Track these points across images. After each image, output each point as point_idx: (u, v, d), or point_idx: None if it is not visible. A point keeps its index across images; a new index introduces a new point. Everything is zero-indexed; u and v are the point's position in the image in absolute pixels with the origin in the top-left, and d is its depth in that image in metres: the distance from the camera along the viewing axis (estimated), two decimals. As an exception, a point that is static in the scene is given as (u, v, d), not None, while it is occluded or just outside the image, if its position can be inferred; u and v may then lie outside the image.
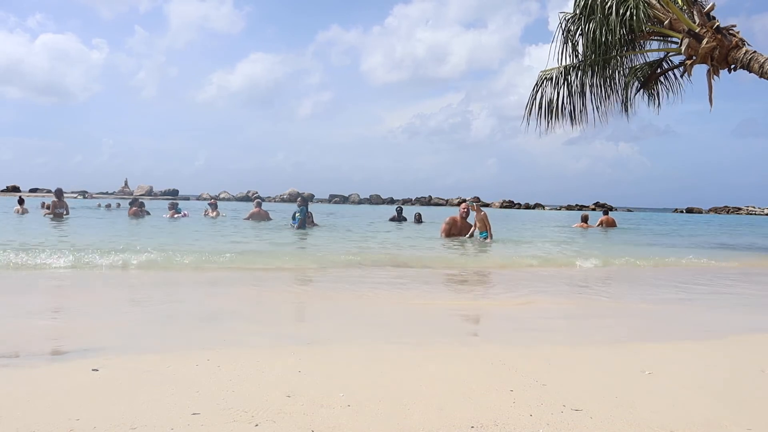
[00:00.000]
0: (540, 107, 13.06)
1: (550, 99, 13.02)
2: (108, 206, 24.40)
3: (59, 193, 16.75)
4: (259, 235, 12.66)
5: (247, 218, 17.19)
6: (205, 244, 9.91)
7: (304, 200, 15.06)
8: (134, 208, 18.62)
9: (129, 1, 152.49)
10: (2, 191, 56.36)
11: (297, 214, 14.25)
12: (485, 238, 11.20)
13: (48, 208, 18.19)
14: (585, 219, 18.47)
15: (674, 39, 12.22)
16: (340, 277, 6.92)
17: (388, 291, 5.85)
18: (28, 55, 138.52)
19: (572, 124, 13.14)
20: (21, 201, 19.12)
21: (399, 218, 18.92)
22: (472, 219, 11.61)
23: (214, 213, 19.55)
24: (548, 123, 13.00)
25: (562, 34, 12.63)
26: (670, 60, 13.47)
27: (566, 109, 13.05)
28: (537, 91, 13.13)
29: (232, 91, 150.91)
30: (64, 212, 16.29)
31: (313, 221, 15.06)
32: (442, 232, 11.37)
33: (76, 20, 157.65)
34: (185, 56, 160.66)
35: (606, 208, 20.06)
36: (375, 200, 65.61)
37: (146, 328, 3.92)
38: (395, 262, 8.14)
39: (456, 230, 11.36)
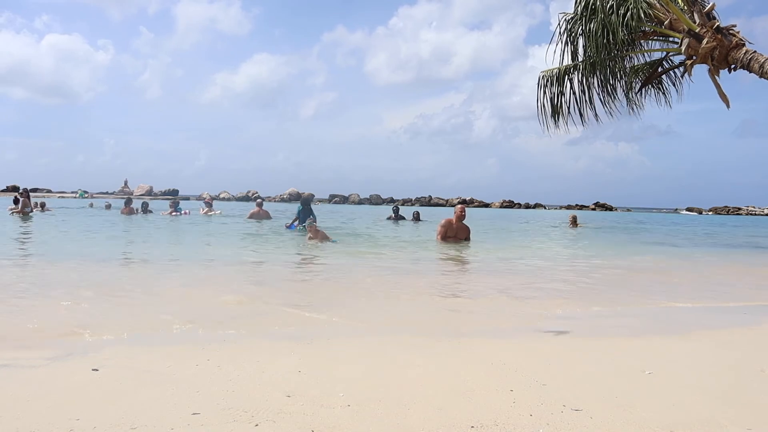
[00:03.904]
0: (544, 108, 13.08)
1: (553, 100, 13.03)
2: (108, 206, 24.56)
3: (26, 193, 18.52)
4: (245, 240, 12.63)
5: (249, 218, 17.45)
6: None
7: (305, 200, 14.25)
8: (127, 208, 19.64)
9: (137, 3, 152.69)
10: (2, 191, 56.40)
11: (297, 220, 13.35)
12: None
13: (41, 207, 19.43)
14: (574, 220, 20.07)
15: (675, 39, 12.22)
16: (339, 275, 6.93)
17: (386, 291, 5.85)
18: (34, 55, 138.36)
19: (571, 124, 13.15)
20: (16, 201, 19.39)
21: (396, 217, 19.40)
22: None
23: (204, 210, 20.85)
24: (554, 123, 13.04)
25: (561, 34, 12.64)
26: (670, 60, 13.46)
27: (569, 110, 13.06)
28: (541, 93, 13.14)
29: (236, 92, 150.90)
30: (30, 210, 18.14)
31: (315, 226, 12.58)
32: (438, 235, 11.36)
33: (83, 21, 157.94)
34: (191, 57, 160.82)
35: (576, 219, 21.20)
36: (375, 200, 65.60)
37: (146, 328, 3.92)
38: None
39: (452, 233, 11.32)
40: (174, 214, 19.23)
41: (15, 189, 56.94)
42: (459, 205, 11.83)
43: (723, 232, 21.64)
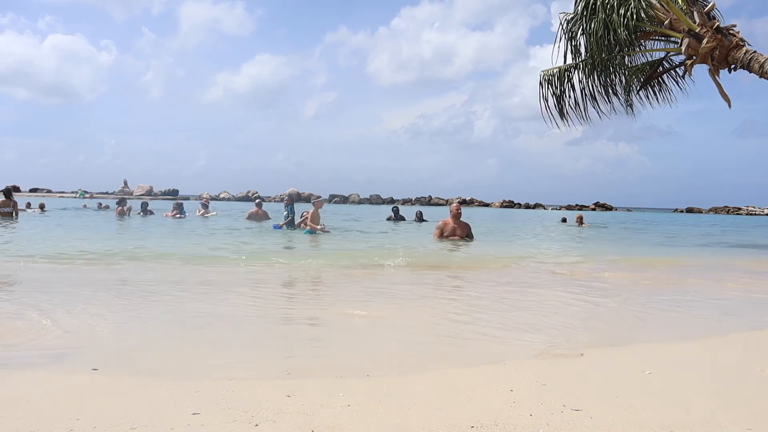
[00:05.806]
0: (545, 108, 13.12)
1: (554, 99, 13.04)
2: (105, 207, 24.54)
3: (7, 192, 15.79)
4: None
5: (248, 218, 17.40)
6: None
7: (291, 198, 14.50)
8: (120, 208, 19.36)
9: (141, 3, 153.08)
10: (1, 191, 56.39)
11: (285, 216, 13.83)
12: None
13: (41, 208, 19.09)
14: (580, 219, 20.42)
15: (675, 39, 12.22)
16: (337, 275, 6.93)
17: (384, 289, 5.85)
18: (37, 56, 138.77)
19: (572, 122, 13.17)
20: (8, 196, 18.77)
21: (396, 218, 19.04)
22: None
23: (201, 212, 20.73)
24: (556, 122, 13.08)
25: (563, 34, 12.65)
26: (670, 60, 13.47)
27: (570, 109, 13.07)
28: (543, 92, 13.16)
29: (238, 92, 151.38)
30: (13, 213, 15.51)
31: (296, 222, 13.85)
32: (434, 236, 11.38)
33: (86, 22, 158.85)
34: (194, 58, 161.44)
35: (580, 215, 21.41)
36: (375, 200, 65.58)
37: (146, 328, 3.92)
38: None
39: (448, 232, 11.32)
40: (178, 216, 19.07)
41: (15, 189, 56.96)
42: (455, 204, 11.85)
43: (726, 232, 21.64)
